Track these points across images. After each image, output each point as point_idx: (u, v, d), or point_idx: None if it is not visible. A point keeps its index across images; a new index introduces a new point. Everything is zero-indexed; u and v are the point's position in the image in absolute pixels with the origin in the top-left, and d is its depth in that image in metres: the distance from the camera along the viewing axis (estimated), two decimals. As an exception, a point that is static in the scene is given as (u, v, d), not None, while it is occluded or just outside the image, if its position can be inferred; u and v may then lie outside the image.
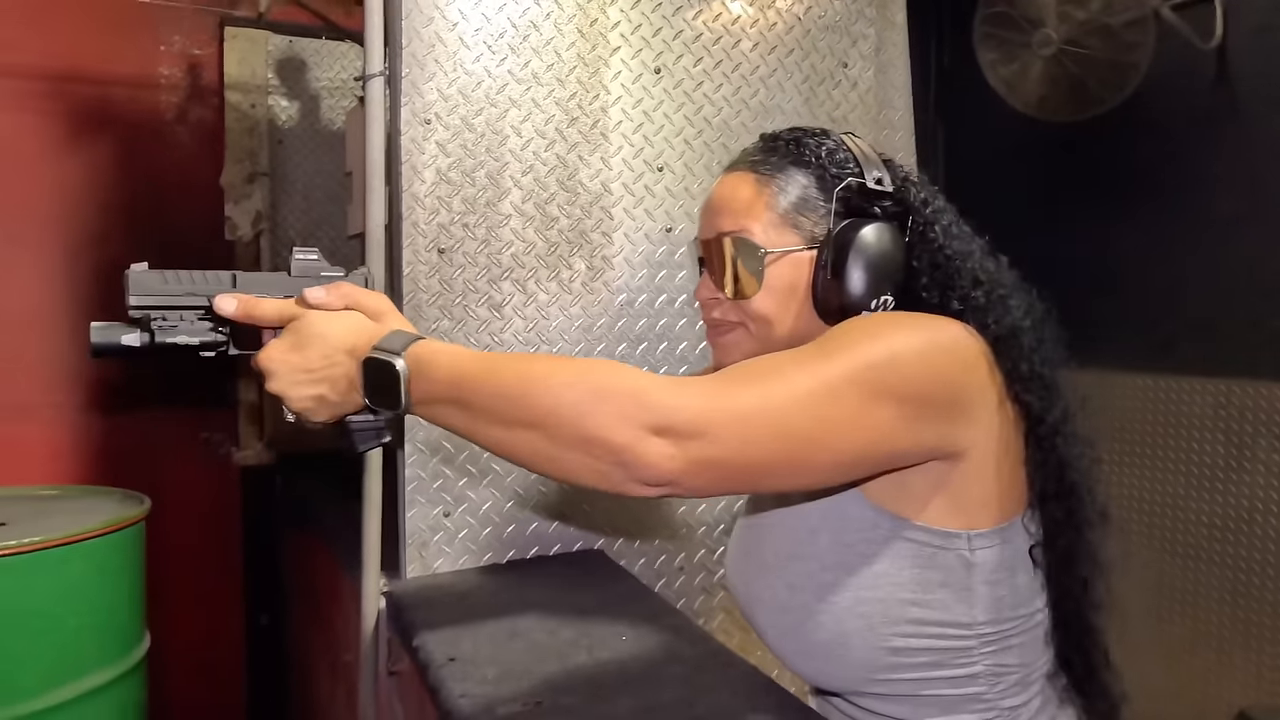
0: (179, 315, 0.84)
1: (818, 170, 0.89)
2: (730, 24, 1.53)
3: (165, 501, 1.93)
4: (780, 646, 0.90)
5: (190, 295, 0.84)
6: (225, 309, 0.83)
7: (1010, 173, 2.33)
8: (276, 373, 0.81)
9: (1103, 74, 1.87)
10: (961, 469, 0.80)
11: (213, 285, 0.84)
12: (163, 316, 0.83)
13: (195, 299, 0.84)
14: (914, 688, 0.84)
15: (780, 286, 0.88)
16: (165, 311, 0.84)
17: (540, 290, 1.40)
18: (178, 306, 0.84)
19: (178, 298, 0.83)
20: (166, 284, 0.83)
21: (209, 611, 2.44)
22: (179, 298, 0.84)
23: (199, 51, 2.38)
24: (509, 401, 0.71)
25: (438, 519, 1.34)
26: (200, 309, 0.84)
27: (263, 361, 0.81)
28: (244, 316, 0.83)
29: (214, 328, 0.85)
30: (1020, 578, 0.85)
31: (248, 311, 0.83)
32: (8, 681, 1.51)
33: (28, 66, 2.17)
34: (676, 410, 0.68)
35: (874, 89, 1.66)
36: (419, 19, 1.30)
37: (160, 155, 2.35)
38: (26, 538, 1.53)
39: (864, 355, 0.74)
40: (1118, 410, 2.06)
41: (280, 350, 0.81)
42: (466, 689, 0.96)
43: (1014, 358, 0.82)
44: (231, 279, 0.85)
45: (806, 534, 0.87)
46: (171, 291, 0.83)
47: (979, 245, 0.90)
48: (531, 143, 1.39)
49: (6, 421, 2.19)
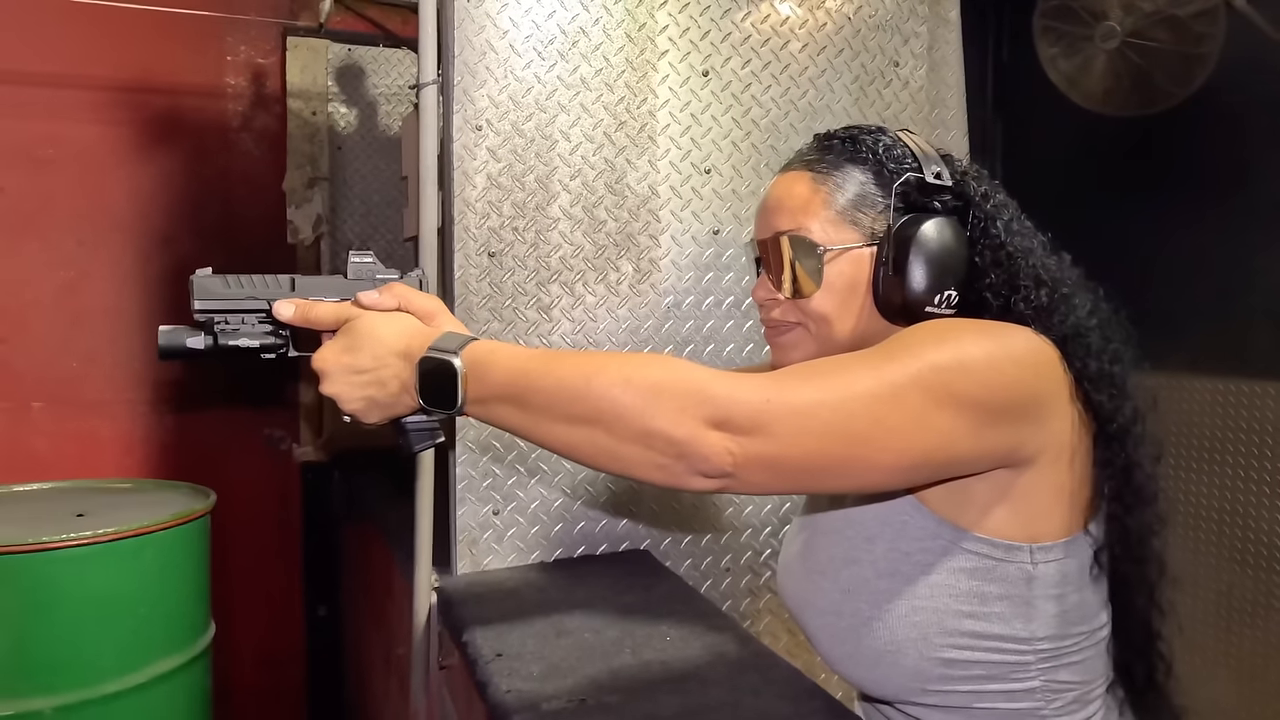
0: (240, 319, 0.87)
1: (875, 166, 0.88)
2: (779, 25, 1.52)
3: (229, 496, 2.01)
4: (830, 651, 0.89)
5: (251, 299, 0.87)
6: (283, 314, 0.85)
7: (1072, 170, 2.26)
8: (330, 374, 0.82)
9: (1170, 67, 1.81)
10: (1028, 478, 0.79)
11: (272, 289, 0.87)
12: (225, 320, 0.86)
13: (256, 303, 0.87)
14: (966, 700, 0.83)
15: (840, 285, 0.87)
16: (228, 315, 0.86)
17: (588, 293, 1.42)
18: (239, 310, 0.87)
19: (239, 301, 0.86)
20: (229, 288, 0.86)
21: (270, 602, 2.53)
22: (240, 301, 0.86)
23: (263, 61, 2.47)
24: (568, 398, 0.72)
25: (487, 517, 1.37)
26: (261, 312, 0.87)
27: (316, 363, 0.83)
28: (301, 320, 0.85)
29: (274, 330, 0.88)
30: (1084, 593, 0.83)
31: (304, 315, 0.85)
32: (87, 664, 1.59)
33: (103, 79, 2.28)
34: (735, 404, 0.68)
35: (926, 88, 1.63)
36: (471, 27, 1.32)
37: (226, 161, 2.44)
38: (102, 528, 1.61)
39: (930, 359, 0.73)
40: (1187, 414, 1.98)
41: (333, 352, 0.83)
42: (513, 685, 0.98)
43: (1081, 357, 0.81)
44: (290, 283, 0.88)
45: (863, 541, 0.86)
46: (233, 296, 0.86)
47: (1040, 242, 0.88)
48: (580, 147, 1.40)
49: (84, 417, 2.30)
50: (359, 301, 0.85)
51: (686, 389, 0.69)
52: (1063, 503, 0.81)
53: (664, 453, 0.69)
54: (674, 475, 0.70)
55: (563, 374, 0.73)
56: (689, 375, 0.70)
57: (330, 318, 0.85)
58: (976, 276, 0.86)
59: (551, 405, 0.73)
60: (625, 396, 0.69)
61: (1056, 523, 0.81)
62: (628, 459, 0.71)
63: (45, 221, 2.25)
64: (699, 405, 0.68)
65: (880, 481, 0.76)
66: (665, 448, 0.69)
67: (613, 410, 0.70)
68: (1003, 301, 0.84)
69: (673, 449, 0.68)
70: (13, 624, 1.54)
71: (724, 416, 0.68)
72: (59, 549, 1.56)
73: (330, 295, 0.88)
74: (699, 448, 0.68)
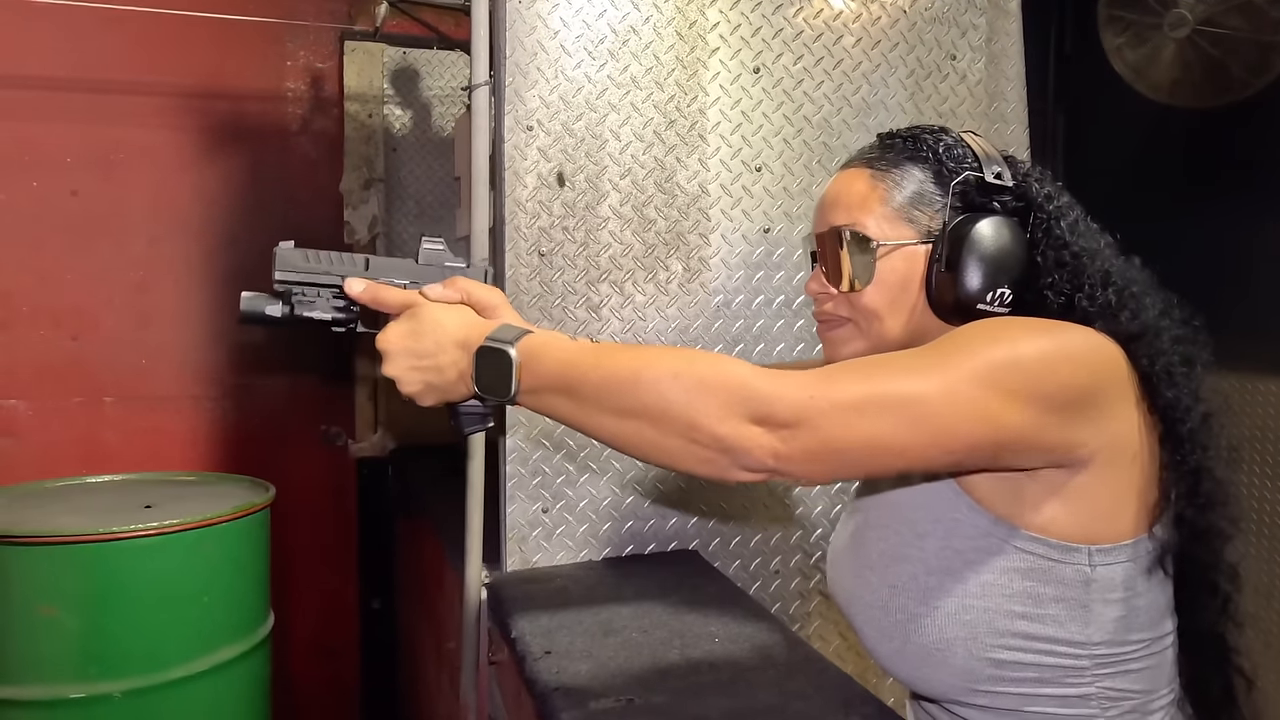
0: (316, 292, 0.91)
1: (934, 165, 0.88)
2: (832, 20, 1.50)
3: (288, 490, 2.07)
4: (877, 647, 0.88)
5: (327, 274, 0.91)
6: (354, 290, 0.89)
7: (1139, 165, 2.18)
8: (392, 356, 0.86)
9: (1245, 55, 1.74)
10: (1085, 477, 0.77)
11: (347, 267, 0.91)
12: (302, 292, 0.91)
13: (331, 278, 0.91)
14: (1017, 703, 0.81)
15: (893, 281, 0.87)
16: (305, 288, 0.91)
17: (637, 292, 1.42)
18: (315, 284, 0.91)
19: (316, 275, 0.91)
20: (307, 262, 0.90)
21: (326, 594, 2.59)
22: (317, 275, 0.91)
23: (321, 65, 2.53)
24: (617, 392, 0.74)
25: (536, 514, 1.38)
26: (335, 288, 0.91)
27: (381, 344, 0.87)
28: (370, 300, 0.89)
29: (345, 306, 0.92)
30: (1147, 598, 0.81)
31: (374, 296, 0.89)
32: (154, 651, 1.66)
33: (170, 85, 2.36)
34: (778, 399, 0.69)
35: (984, 81, 1.59)
36: (522, 28, 1.34)
37: (286, 164, 2.51)
38: (169, 520, 1.67)
39: (983, 355, 0.73)
40: (1260, 418, 1.90)
41: (397, 335, 0.86)
42: (561, 682, 0.98)
43: (1150, 357, 0.80)
44: (365, 262, 0.92)
45: (914, 537, 0.85)
46: (312, 269, 0.90)
47: (1107, 243, 0.87)
48: (630, 146, 1.40)
49: (152, 412, 2.39)
50: (426, 294, 0.88)
51: (730, 385, 0.70)
52: (1125, 505, 0.79)
53: (708, 447, 0.71)
54: (718, 468, 0.72)
55: (613, 367, 0.75)
56: (733, 371, 0.71)
57: (397, 302, 0.88)
58: (1037, 276, 0.85)
59: (601, 397, 0.75)
60: (671, 392, 0.71)
61: (1118, 525, 0.79)
62: (673, 452, 0.73)
63: (116, 223, 2.34)
64: (742, 401, 0.70)
65: (929, 467, 0.78)
66: (710, 442, 0.70)
67: (659, 405, 0.71)
68: (1064, 300, 0.83)
69: (717, 443, 0.70)
70: (84, 611, 1.61)
71: (766, 412, 0.69)
72: (128, 539, 1.62)
73: (401, 277, 0.92)
74: (741, 442, 0.69)
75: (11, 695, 1.60)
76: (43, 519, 1.68)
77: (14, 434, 2.27)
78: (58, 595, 1.59)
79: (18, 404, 2.27)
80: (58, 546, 1.59)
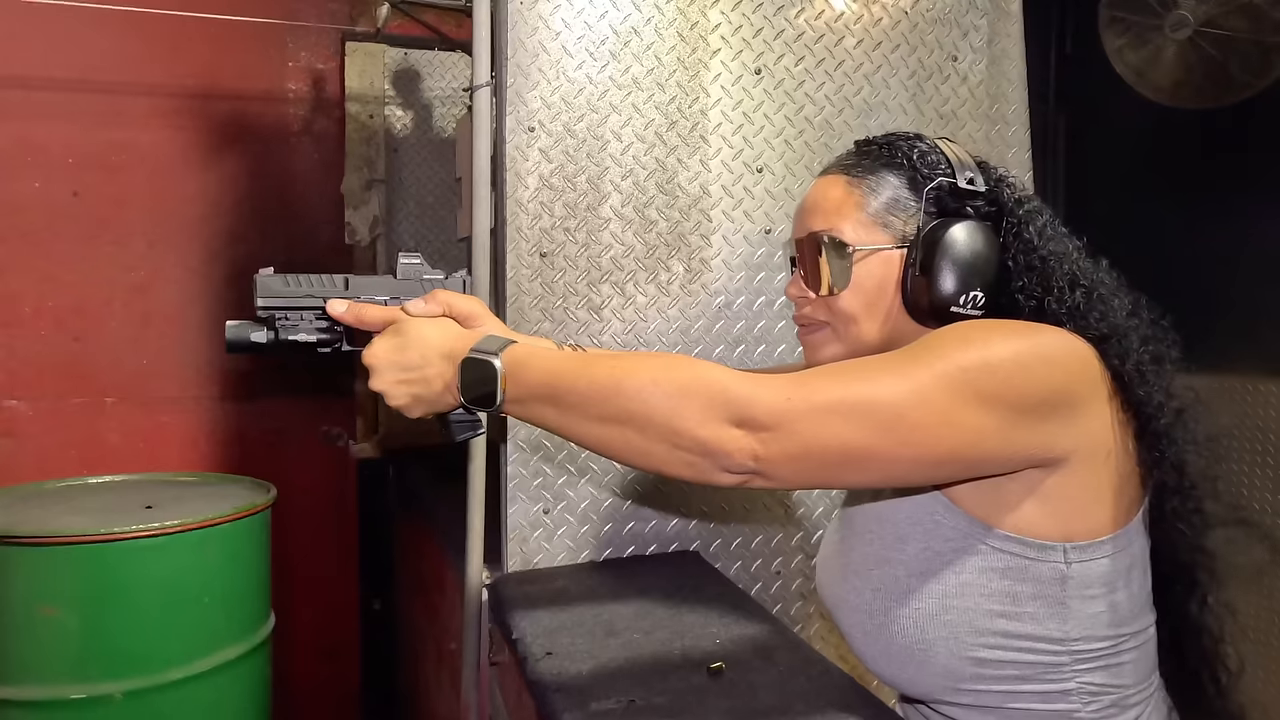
0: (299, 315, 0.92)
1: (909, 171, 0.91)
2: (833, 21, 1.50)
3: (288, 490, 2.06)
4: (864, 650, 0.90)
5: (308, 297, 0.92)
6: (335, 311, 0.91)
7: (1141, 166, 2.18)
8: (379, 370, 0.87)
9: (1246, 57, 1.73)
10: (1061, 476, 0.79)
11: (327, 288, 0.92)
12: (285, 316, 0.92)
13: (312, 300, 0.92)
14: (1000, 700, 0.83)
15: (869, 285, 0.89)
16: (287, 312, 0.92)
17: (639, 293, 1.42)
18: (298, 307, 0.92)
19: (297, 299, 0.92)
20: (288, 286, 0.91)
21: (326, 595, 2.59)
22: (298, 299, 0.92)
23: (322, 66, 2.53)
24: (600, 399, 0.75)
25: (537, 515, 1.38)
26: (317, 309, 0.92)
27: (367, 359, 0.88)
28: (353, 320, 0.91)
29: (329, 327, 0.93)
30: (1127, 592, 0.83)
31: (356, 315, 0.91)
32: (155, 651, 1.65)
33: (171, 86, 2.36)
34: (756, 403, 0.71)
35: (985, 82, 1.59)
36: (524, 29, 1.34)
37: (287, 164, 2.51)
38: (170, 520, 1.67)
39: (956, 358, 0.74)
40: (1262, 418, 1.90)
41: (383, 350, 0.87)
42: (563, 683, 0.98)
43: (1120, 356, 0.82)
44: (344, 282, 0.93)
45: (895, 541, 0.87)
46: (292, 294, 0.91)
47: (1075, 246, 0.90)
48: (631, 147, 1.40)
49: (153, 413, 2.39)
50: (408, 310, 0.90)
51: (710, 389, 0.72)
52: (1101, 502, 0.81)
53: (690, 450, 0.72)
54: (701, 472, 0.73)
55: (595, 376, 0.76)
56: (713, 376, 0.73)
57: (379, 319, 0.90)
58: (1009, 280, 0.87)
59: (585, 405, 0.76)
60: (653, 398, 0.73)
61: (1094, 522, 0.81)
62: (657, 457, 0.74)
63: (118, 224, 2.34)
64: (723, 405, 0.71)
65: (905, 476, 0.79)
66: (692, 445, 0.72)
67: (642, 411, 0.73)
68: (1035, 303, 0.86)
69: (698, 446, 0.72)
70: (84, 611, 1.60)
71: (746, 415, 0.71)
72: (129, 540, 1.62)
73: (381, 294, 0.93)
74: (723, 445, 0.71)
75: (11, 695, 1.59)
76: (43, 519, 1.67)
77: (15, 434, 2.27)
78: (58, 595, 1.59)
79: (19, 404, 2.27)
80: (58, 547, 1.58)
